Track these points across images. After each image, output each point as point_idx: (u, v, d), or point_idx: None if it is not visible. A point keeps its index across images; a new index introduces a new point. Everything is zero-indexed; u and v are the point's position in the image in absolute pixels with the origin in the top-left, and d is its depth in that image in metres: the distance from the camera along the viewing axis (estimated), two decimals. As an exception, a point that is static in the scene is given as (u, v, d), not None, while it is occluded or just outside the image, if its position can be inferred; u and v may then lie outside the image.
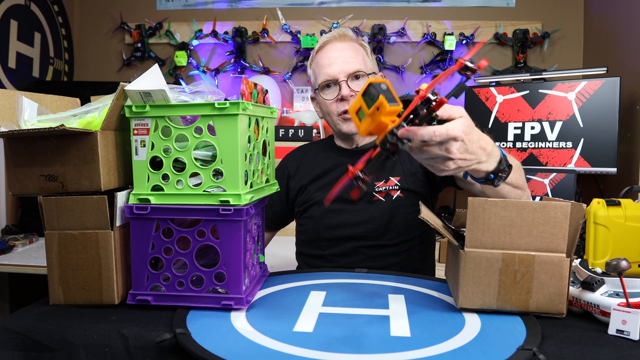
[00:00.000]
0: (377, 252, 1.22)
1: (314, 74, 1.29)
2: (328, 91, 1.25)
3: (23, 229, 2.24)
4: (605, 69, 2.04)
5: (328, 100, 1.25)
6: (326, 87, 1.25)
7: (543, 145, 2.10)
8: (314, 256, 1.29)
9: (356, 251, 1.23)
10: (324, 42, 1.26)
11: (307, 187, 1.31)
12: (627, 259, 0.73)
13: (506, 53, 2.61)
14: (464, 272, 0.78)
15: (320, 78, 1.25)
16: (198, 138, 0.80)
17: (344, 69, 1.21)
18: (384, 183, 1.24)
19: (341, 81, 1.21)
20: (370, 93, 0.70)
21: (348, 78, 1.21)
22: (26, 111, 0.84)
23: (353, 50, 1.25)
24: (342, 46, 1.24)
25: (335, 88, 1.23)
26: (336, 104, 1.23)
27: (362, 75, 1.23)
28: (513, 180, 0.93)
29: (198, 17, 2.76)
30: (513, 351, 0.65)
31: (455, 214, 0.95)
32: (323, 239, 1.27)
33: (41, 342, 0.74)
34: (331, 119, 1.28)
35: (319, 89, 1.26)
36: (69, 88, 2.57)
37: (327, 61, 1.23)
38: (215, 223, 0.79)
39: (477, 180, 0.89)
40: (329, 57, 1.24)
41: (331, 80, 1.23)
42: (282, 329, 0.73)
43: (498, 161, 0.85)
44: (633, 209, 1.03)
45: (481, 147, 0.80)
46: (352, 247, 1.23)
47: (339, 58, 1.23)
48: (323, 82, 1.24)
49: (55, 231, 0.83)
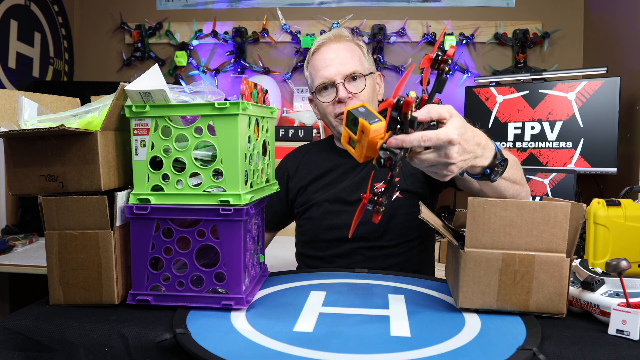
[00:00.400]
0: (377, 253, 1.22)
1: (310, 77, 1.28)
2: (325, 93, 1.24)
3: (23, 229, 2.24)
4: (605, 69, 2.04)
5: (325, 102, 1.24)
6: (323, 89, 1.24)
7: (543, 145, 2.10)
8: (314, 257, 1.29)
9: (355, 252, 1.23)
10: (320, 43, 1.26)
11: (307, 187, 1.31)
12: (627, 259, 0.73)
13: (506, 53, 2.61)
14: (464, 272, 0.78)
15: (317, 81, 1.24)
16: (198, 138, 0.80)
17: (340, 70, 1.21)
18: (384, 184, 1.24)
19: (338, 83, 1.20)
20: (351, 120, 0.71)
21: (345, 80, 1.21)
22: (26, 111, 0.84)
23: (349, 50, 1.24)
24: (338, 47, 1.24)
25: (332, 90, 1.23)
26: (333, 106, 1.23)
27: (359, 76, 1.22)
28: (510, 175, 0.93)
29: (198, 17, 2.76)
30: (513, 351, 0.65)
31: (455, 214, 0.95)
32: (322, 240, 1.27)
33: (41, 342, 0.74)
34: (329, 121, 1.27)
35: (316, 92, 1.26)
36: (69, 88, 2.57)
37: (323, 63, 1.23)
38: (215, 223, 0.79)
39: (473, 177, 0.89)
40: (325, 59, 1.23)
41: (328, 82, 1.22)
42: (282, 329, 0.73)
43: (493, 155, 0.85)
44: (633, 209, 1.03)
45: (477, 143, 0.79)
46: (351, 248, 1.23)
47: (335, 60, 1.22)
48: (320, 84, 1.23)
49: (55, 231, 0.83)
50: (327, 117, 1.27)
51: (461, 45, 2.61)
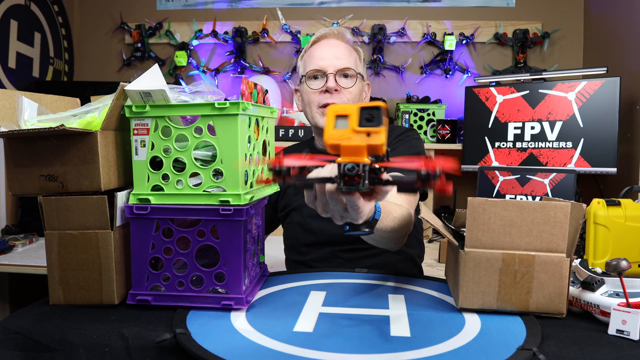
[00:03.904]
0: (355, 256, 1.22)
1: (303, 64, 1.29)
2: (314, 82, 1.25)
3: (23, 229, 2.24)
4: (605, 69, 2.04)
5: (313, 89, 1.25)
6: (313, 78, 1.25)
7: (543, 145, 2.10)
8: (297, 262, 1.30)
9: (334, 256, 1.23)
10: (321, 35, 1.28)
11: (285, 190, 1.32)
12: (627, 259, 0.73)
13: (506, 53, 2.61)
14: (464, 272, 0.78)
15: (309, 67, 1.26)
16: (198, 138, 0.80)
17: (334, 63, 1.23)
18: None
19: (329, 73, 1.22)
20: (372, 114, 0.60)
21: (337, 73, 1.23)
22: (26, 111, 0.84)
23: (347, 50, 1.27)
24: (338, 43, 1.26)
25: (322, 80, 1.24)
26: (319, 95, 1.24)
27: (352, 74, 1.24)
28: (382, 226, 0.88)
29: (198, 17, 2.76)
30: (513, 351, 0.65)
31: (455, 214, 0.95)
32: (302, 245, 1.28)
33: (41, 342, 0.74)
34: (310, 110, 1.27)
35: (305, 77, 1.27)
36: (69, 88, 2.56)
37: (319, 53, 1.25)
38: (215, 223, 0.79)
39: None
40: (323, 50, 1.25)
41: (320, 71, 1.24)
42: (282, 329, 0.73)
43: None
44: (633, 209, 1.02)
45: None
46: (330, 252, 1.24)
47: (332, 53, 1.24)
48: (312, 70, 1.25)
49: (55, 231, 0.83)
50: (310, 105, 1.27)
51: (461, 45, 2.61)
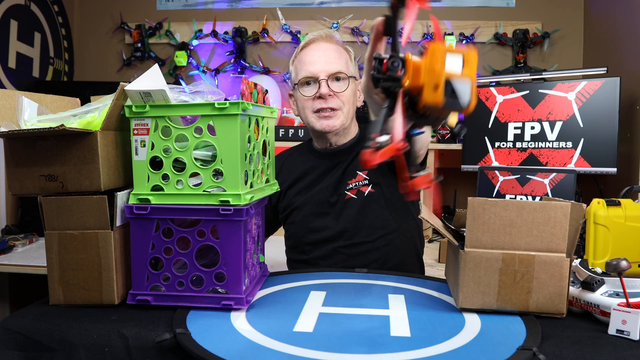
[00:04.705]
0: (356, 251, 1.23)
1: (295, 70, 1.30)
2: (307, 88, 1.26)
3: (23, 229, 2.24)
4: (605, 69, 2.04)
5: (306, 96, 1.25)
6: (306, 84, 1.26)
7: (543, 145, 2.10)
8: (299, 261, 1.30)
9: (336, 252, 1.24)
10: (310, 39, 1.28)
11: (287, 192, 1.32)
12: (627, 259, 0.73)
13: (506, 53, 2.61)
14: (464, 272, 0.78)
15: (301, 74, 1.26)
16: (198, 138, 0.80)
17: (325, 68, 1.23)
18: (353, 179, 1.25)
19: (321, 79, 1.22)
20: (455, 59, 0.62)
21: (329, 78, 1.23)
22: (26, 111, 0.84)
23: (337, 52, 1.26)
24: (327, 46, 1.26)
25: (314, 86, 1.24)
26: (313, 101, 1.24)
27: (343, 77, 1.24)
28: None
29: (198, 17, 2.76)
30: (513, 351, 0.65)
31: (455, 214, 0.95)
32: (305, 244, 1.28)
33: (41, 342, 0.74)
34: (305, 115, 1.28)
35: (298, 85, 1.27)
36: (69, 88, 2.56)
37: (310, 59, 1.25)
38: (215, 223, 0.79)
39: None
40: (313, 55, 1.25)
41: (312, 77, 1.24)
42: (282, 329, 0.73)
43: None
44: (633, 209, 1.02)
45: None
46: (331, 249, 1.24)
47: (322, 57, 1.24)
48: (304, 77, 1.25)
49: (55, 231, 0.83)
50: (304, 111, 1.27)
51: (461, 45, 2.61)
